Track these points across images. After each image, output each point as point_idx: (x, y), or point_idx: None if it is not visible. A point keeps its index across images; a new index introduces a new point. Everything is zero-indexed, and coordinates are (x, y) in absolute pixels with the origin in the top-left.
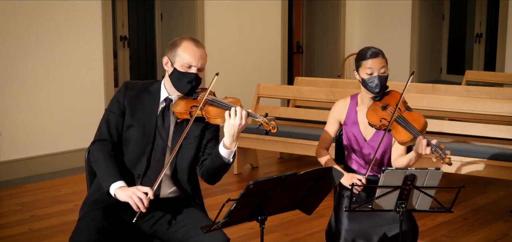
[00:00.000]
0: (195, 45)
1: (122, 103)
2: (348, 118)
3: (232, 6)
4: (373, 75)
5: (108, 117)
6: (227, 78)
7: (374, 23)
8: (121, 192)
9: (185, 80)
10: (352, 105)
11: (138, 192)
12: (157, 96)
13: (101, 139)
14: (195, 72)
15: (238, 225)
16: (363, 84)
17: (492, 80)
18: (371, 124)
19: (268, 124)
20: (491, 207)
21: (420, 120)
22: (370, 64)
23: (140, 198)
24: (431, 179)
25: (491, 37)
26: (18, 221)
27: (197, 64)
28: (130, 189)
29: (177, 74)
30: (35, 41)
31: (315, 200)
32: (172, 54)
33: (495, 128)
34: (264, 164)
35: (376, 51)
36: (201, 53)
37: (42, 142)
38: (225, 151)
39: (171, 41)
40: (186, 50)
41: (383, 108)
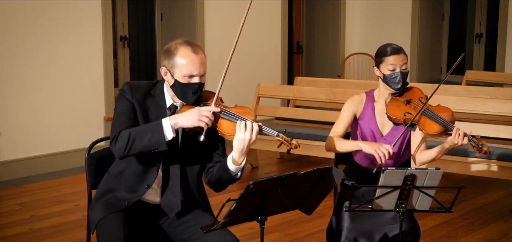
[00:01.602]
0: (193, 51)
1: (132, 103)
2: (364, 113)
3: (232, 6)
4: (395, 71)
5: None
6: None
7: (374, 23)
8: (184, 117)
9: (189, 92)
10: (368, 100)
11: (204, 112)
12: (162, 102)
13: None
14: (198, 82)
15: (238, 225)
16: (384, 80)
17: (492, 80)
18: (393, 118)
19: (289, 142)
20: (491, 207)
21: (448, 111)
22: (392, 61)
23: (208, 116)
24: (431, 179)
25: (491, 37)
26: (18, 221)
27: (198, 72)
28: (191, 111)
29: (179, 86)
30: (35, 41)
31: (315, 200)
32: (170, 64)
33: (495, 128)
34: (264, 164)
35: (397, 48)
36: (200, 59)
37: (42, 142)
38: (234, 166)
39: (165, 48)
40: (185, 59)
41: (406, 102)
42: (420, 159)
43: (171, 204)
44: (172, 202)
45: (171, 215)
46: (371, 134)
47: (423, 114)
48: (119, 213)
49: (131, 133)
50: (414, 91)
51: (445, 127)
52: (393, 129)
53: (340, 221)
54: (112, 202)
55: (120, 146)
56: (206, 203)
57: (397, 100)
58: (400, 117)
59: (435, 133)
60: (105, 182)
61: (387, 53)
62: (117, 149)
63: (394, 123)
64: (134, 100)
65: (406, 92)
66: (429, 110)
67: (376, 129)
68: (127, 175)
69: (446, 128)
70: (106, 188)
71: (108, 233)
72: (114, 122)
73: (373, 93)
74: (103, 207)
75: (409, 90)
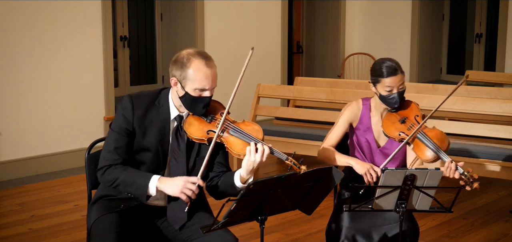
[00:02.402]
0: (207, 65)
1: (131, 123)
2: (361, 123)
3: (232, 6)
4: (392, 93)
5: (117, 139)
6: (227, 78)
7: (374, 23)
8: (169, 186)
9: (200, 105)
10: (365, 110)
11: (188, 184)
12: (166, 113)
13: (113, 164)
14: (209, 95)
15: (238, 225)
16: (381, 99)
17: (492, 80)
18: (389, 136)
19: (299, 166)
20: (491, 207)
21: (443, 138)
22: (389, 83)
23: (192, 189)
24: (431, 179)
25: (491, 37)
26: (18, 221)
27: (210, 87)
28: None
29: (190, 98)
30: (35, 41)
31: (315, 200)
32: (181, 75)
33: (495, 127)
34: (264, 164)
35: (394, 67)
36: (213, 74)
37: (42, 142)
38: (241, 184)
39: (176, 57)
40: (198, 73)
41: (402, 121)
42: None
43: (177, 216)
44: (178, 214)
45: (176, 226)
46: (367, 144)
47: (417, 138)
48: (114, 214)
49: (118, 178)
50: (411, 108)
51: (438, 156)
52: (389, 142)
53: (339, 220)
54: (109, 204)
55: (105, 181)
56: (205, 203)
57: (392, 116)
58: (395, 136)
59: (429, 160)
60: (102, 188)
61: (384, 74)
62: (102, 181)
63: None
64: (134, 120)
65: (402, 107)
66: (423, 134)
67: (373, 139)
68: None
69: (439, 157)
70: (105, 192)
71: (100, 233)
72: (106, 142)
73: (369, 103)
74: (99, 208)
75: (405, 104)
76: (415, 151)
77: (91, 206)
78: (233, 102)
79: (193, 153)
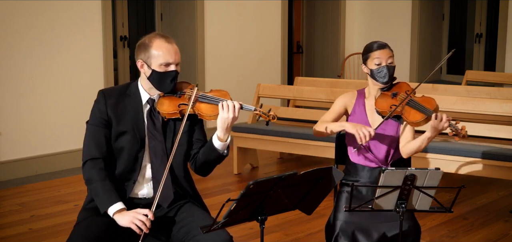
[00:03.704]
0: (167, 41)
1: (105, 113)
2: (355, 108)
3: (232, 6)
4: (381, 65)
5: (94, 132)
6: (227, 78)
7: (374, 23)
8: (121, 218)
9: (167, 80)
10: (359, 97)
11: (138, 216)
12: (138, 98)
13: (91, 158)
14: (175, 69)
15: (238, 225)
16: (372, 75)
17: (492, 80)
18: (380, 111)
19: (267, 114)
20: (491, 207)
21: (431, 101)
22: (378, 55)
23: (142, 220)
24: (431, 179)
25: (491, 37)
26: (18, 221)
27: (174, 60)
28: (130, 213)
29: (157, 75)
30: (35, 41)
31: (315, 200)
32: (146, 55)
33: (495, 127)
34: (264, 164)
35: (382, 43)
36: (175, 49)
37: (42, 142)
38: (220, 143)
39: (139, 42)
40: (160, 49)
41: (393, 95)
42: (406, 150)
43: (163, 195)
44: (164, 192)
45: (164, 205)
46: None
47: (407, 105)
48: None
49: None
50: (401, 86)
51: (428, 115)
52: (384, 124)
53: (337, 212)
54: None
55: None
56: (196, 194)
57: (385, 95)
58: (387, 109)
59: (419, 121)
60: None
61: (373, 48)
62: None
63: (382, 117)
64: (108, 108)
65: (394, 87)
66: (413, 100)
67: (367, 124)
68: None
69: (429, 116)
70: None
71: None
72: (87, 138)
73: (364, 91)
74: (87, 211)
75: (396, 85)
76: (407, 118)
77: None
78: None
79: (169, 132)
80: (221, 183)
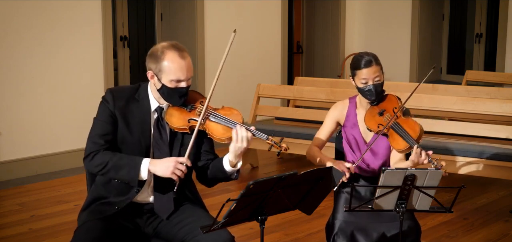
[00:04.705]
0: (180, 56)
1: (113, 112)
2: (347, 120)
3: (232, 6)
4: (367, 84)
5: (102, 127)
6: (227, 78)
7: (374, 23)
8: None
9: (176, 96)
10: (351, 107)
11: (178, 165)
12: (146, 105)
13: (96, 150)
14: (185, 86)
15: (238, 225)
16: (360, 92)
17: (492, 80)
18: (369, 129)
19: (279, 144)
20: (491, 207)
21: (415, 128)
22: (365, 74)
23: (182, 170)
24: (431, 179)
25: (491, 37)
26: (18, 221)
27: (186, 77)
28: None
29: (167, 90)
30: (35, 41)
31: (315, 200)
32: (157, 68)
33: (495, 128)
34: (264, 164)
35: (369, 60)
36: (188, 64)
37: (42, 142)
38: (231, 168)
39: (151, 51)
40: (172, 64)
41: (380, 114)
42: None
43: (164, 206)
44: (165, 203)
45: (164, 216)
46: (354, 140)
47: (392, 128)
48: (99, 221)
49: (109, 162)
50: (389, 100)
51: (410, 146)
52: (374, 137)
53: (336, 214)
54: (100, 209)
55: (93, 167)
56: (197, 198)
57: (373, 110)
58: (375, 128)
59: (402, 150)
60: (94, 190)
61: (360, 66)
62: (90, 166)
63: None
64: (116, 110)
65: (383, 101)
66: (398, 124)
67: (359, 136)
68: (115, 183)
69: (410, 146)
70: (95, 196)
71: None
72: (91, 131)
73: (355, 100)
74: (88, 214)
75: (385, 98)
76: (390, 141)
77: (81, 213)
78: (233, 102)
79: (176, 143)
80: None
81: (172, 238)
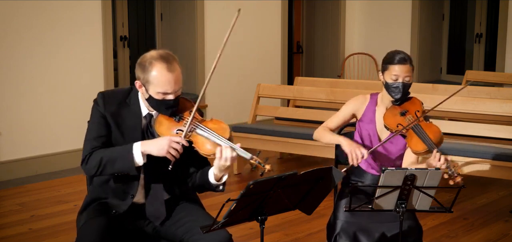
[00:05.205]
0: (168, 69)
1: (104, 114)
2: (365, 115)
3: (232, 6)
4: (397, 81)
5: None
6: (227, 78)
7: (374, 23)
8: (152, 147)
9: (163, 107)
10: (371, 103)
11: (173, 144)
12: (137, 111)
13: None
14: (172, 98)
15: (238, 225)
16: (386, 88)
17: (492, 80)
18: (387, 126)
19: (263, 165)
20: (491, 207)
21: (437, 133)
22: (397, 71)
23: (177, 149)
24: (431, 179)
25: (491, 37)
26: (18, 221)
27: (173, 90)
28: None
29: (154, 101)
30: (35, 41)
31: (315, 200)
32: (144, 78)
33: (495, 127)
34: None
35: (404, 57)
36: (175, 78)
37: (42, 142)
38: (215, 182)
39: (140, 60)
40: (160, 77)
41: (402, 114)
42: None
43: (156, 212)
44: (158, 210)
45: (156, 222)
46: (368, 136)
47: (412, 129)
48: (102, 218)
49: (103, 158)
50: (413, 103)
51: (430, 149)
52: (390, 135)
53: (337, 213)
54: (99, 208)
55: (90, 168)
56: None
57: (395, 109)
58: (393, 127)
59: (420, 151)
60: (91, 192)
61: (393, 61)
62: (87, 170)
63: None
64: (106, 113)
65: (406, 102)
66: (419, 127)
67: (375, 132)
68: (111, 185)
69: (430, 149)
70: (93, 197)
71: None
72: (86, 135)
73: (377, 97)
74: (88, 213)
75: (409, 100)
76: (408, 142)
77: (80, 214)
78: (233, 102)
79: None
80: None
81: (171, 237)
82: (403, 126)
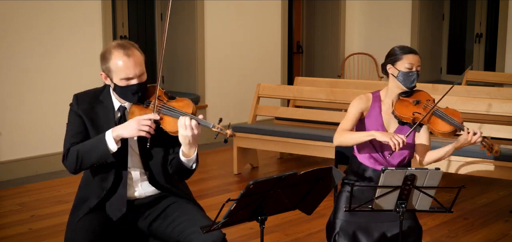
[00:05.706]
0: (125, 54)
1: (79, 114)
2: (371, 112)
3: (232, 6)
4: (412, 70)
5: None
6: (227, 78)
7: (374, 23)
8: (125, 131)
9: (129, 93)
10: (375, 99)
11: (143, 121)
12: (110, 106)
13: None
14: (136, 83)
15: (238, 225)
16: (399, 77)
17: (492, 80)
18: (401, 116)
19: (225, 131)
20: (491, 207)
21: (457, 113)
22: (411, 59)
23: (148, 125)
24: (431, 179)
25: (491, 37)
26: (18, 221)
27: (134, 74)
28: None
29: (119, 88)
30: (35, 41)
31: (315, 200)
32: (107, 68)
33: (495, 127)
34: (264, 164)
35: (414, 49)
36: (134, 61)
37: (42, 142)
38: (186, 158)
39: (102, 52)
40: (119, 63)
41: (416, 103)
42: (427, 160)
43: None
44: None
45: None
46: None
47: (433, 115)
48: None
49: (78, 151)
50: (421, 94)
51: (457, 128)
52: (398, 128)
53: (337, 213)
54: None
55: (70, 164)
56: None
57: (405, 101)
58: (409, 116)
59: (446, 132)
60: (78, 193)
61: (406, 51)
62: (68, 166)
63: (401, 122)
64: (80, 112)
65: (414, 93)
66: (439, 111)
67: (382, 127)
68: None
69: (458, 128)
70: (78, 199)
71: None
72: (65, 136)
73: (379, 94)
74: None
75: (416, 92)
76: (434, 127)
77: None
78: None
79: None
80: (221, 183)
81: (167, 237)
82: (422, 113)
